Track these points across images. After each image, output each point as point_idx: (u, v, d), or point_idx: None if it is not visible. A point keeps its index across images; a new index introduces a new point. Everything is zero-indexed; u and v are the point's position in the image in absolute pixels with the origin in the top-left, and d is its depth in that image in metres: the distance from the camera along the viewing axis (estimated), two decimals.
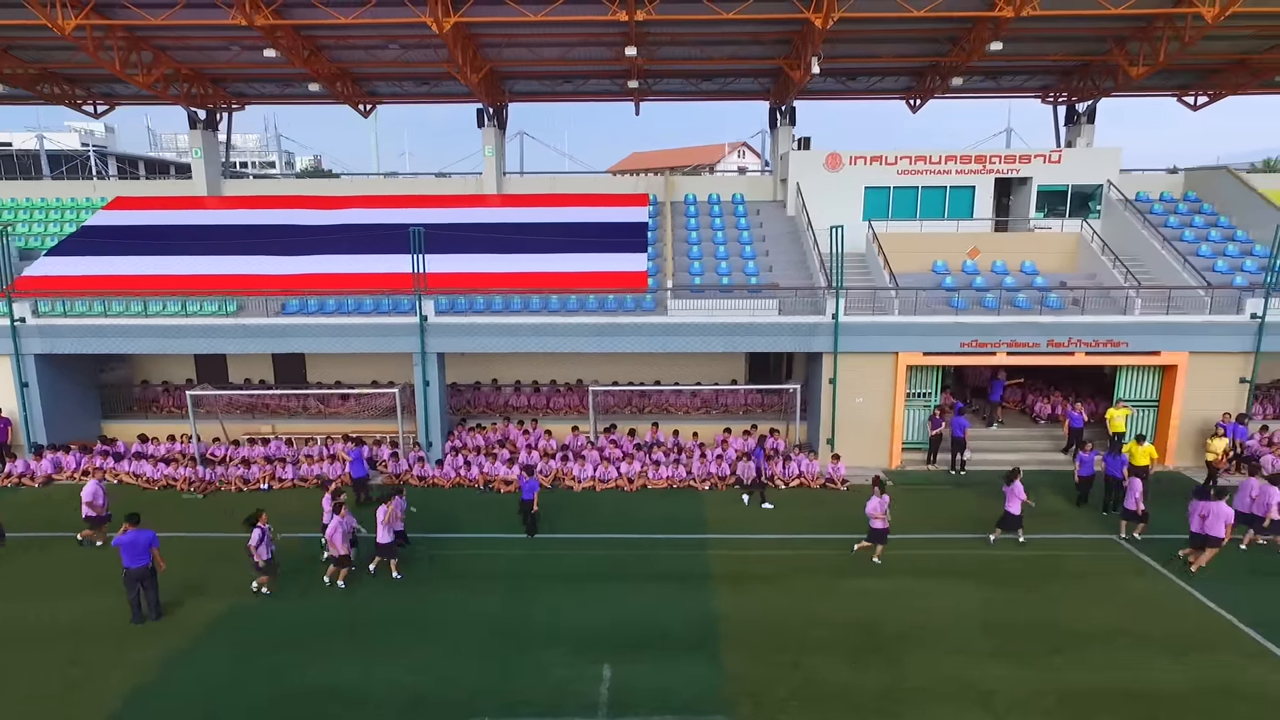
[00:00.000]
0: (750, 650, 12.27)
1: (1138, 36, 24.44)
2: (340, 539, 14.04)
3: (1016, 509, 15.83)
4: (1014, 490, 15.76)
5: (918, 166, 26.54)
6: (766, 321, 20.49)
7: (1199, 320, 20.27)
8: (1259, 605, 13.54)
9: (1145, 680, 11.40)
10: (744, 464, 19.99)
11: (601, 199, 28.22)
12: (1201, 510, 14.63)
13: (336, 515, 14.13)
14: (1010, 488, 15.79)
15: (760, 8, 21.75)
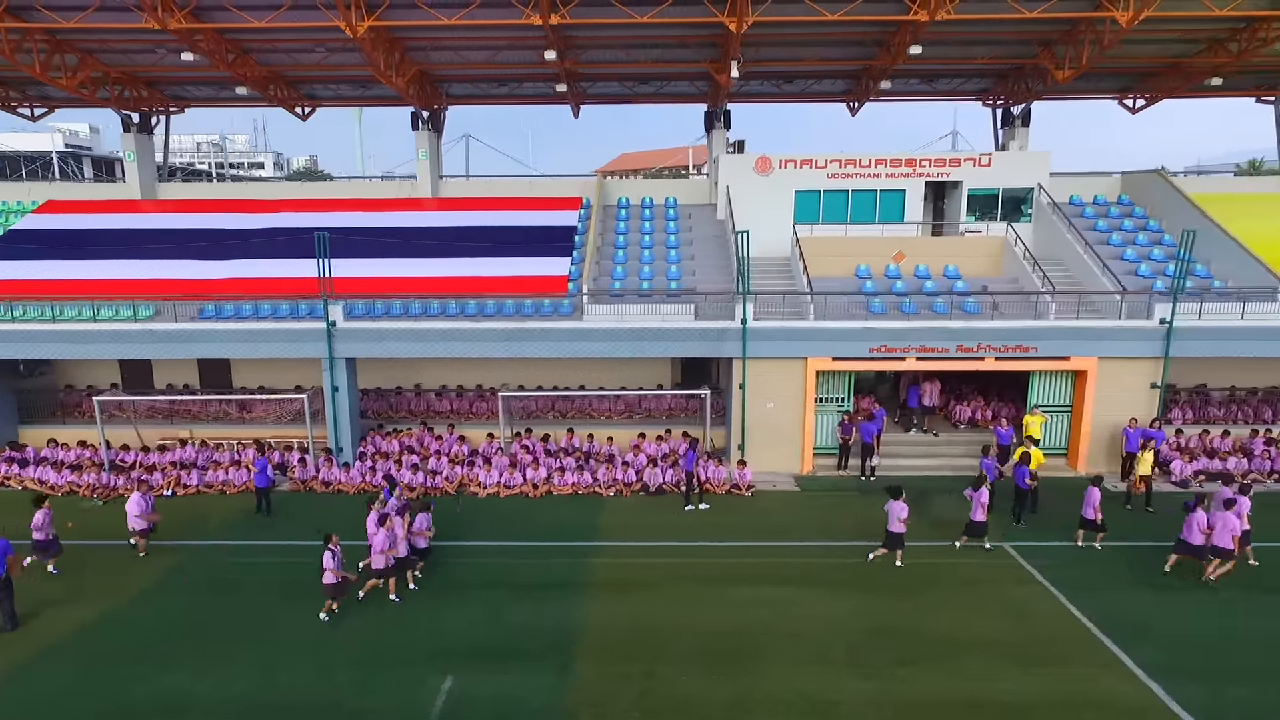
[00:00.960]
0: (606, 659, 12.19)
1: (1064, 40, 24.44)
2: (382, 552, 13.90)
3: (981, 516, 15.85)
4: (979, 497, 15.82)
5: (848, 170, 26.46)
6: (675, 327, 20.41)
7: (1107, 325, 20.22)
8: (1126, 615, 13.47)
9: (990, 691, 11.33)
10: (651, 470, 19.95)
11: (535, 203, 28.17)
12: (1202, 522, 14.51)
13: (382, 528, 13.97)
14: (976, 493, 15.88)
15: (675, 11, 21.68)
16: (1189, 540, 14.74)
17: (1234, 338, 20.13)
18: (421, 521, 14.87)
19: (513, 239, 25.87)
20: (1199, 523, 14.60)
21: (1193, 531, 14.66)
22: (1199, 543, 14.58)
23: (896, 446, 21.99)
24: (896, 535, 15.39)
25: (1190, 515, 14.75)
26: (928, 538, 16.79)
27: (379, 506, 14.82)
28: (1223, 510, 14.62)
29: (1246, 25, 23.56)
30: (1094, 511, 15.98)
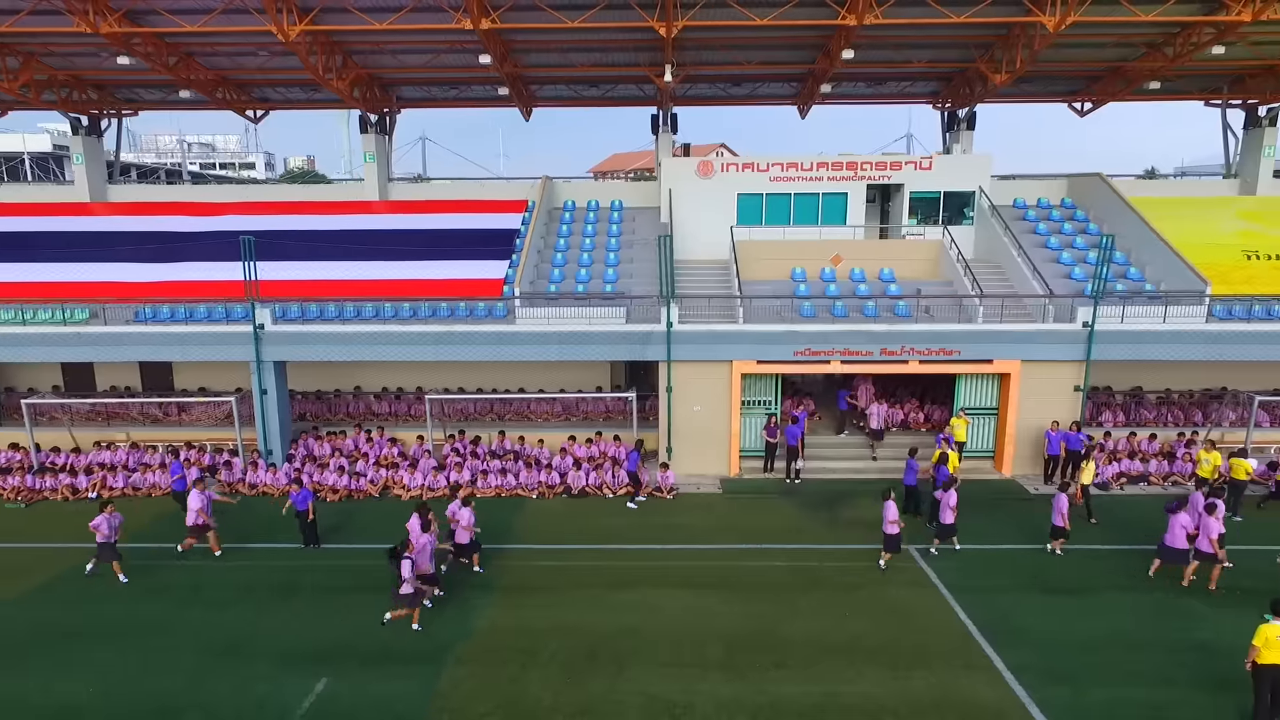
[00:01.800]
0: (479, 664, 12.30)
1: (1000, 45, 24.57)
2: (428, 558, 13.98)
3: (949, 518, 15.96)
4: (946, 499, 15.90)
5: (789, 174, 26.57)
6: (600, 330, 20.52)
7: (1028, 329, 20.35)
8: (1011, 618, 13.59)
9: (847, 693, 11.44)
10: (575, 473, 20.07)
11: (481, 205, 28.29)
12: (1188, 524, 14.45)
13: (426, 534, 14.12)
14: (945, 495, 15.95)
15: (606, 16, 21.80)
16: (1172, 545, 14.65)
17: (1154, 341, 20.24)
18: (467, 517, 15.14)
19: (456, 242, 25.98)
20: (1183, 524, 14.53)
21: (1176, 535, 14.57)
22: (1183, 546, 14.51)
23: (826, 449, 22.12)
24: (891, 537, 15.48)
25: (1173, 519, 14.67)
26: (841, 540, 16.92)
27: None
28: (1203, 514, 14.49)
29: (1180, 30, 23.70)
30: (1063, 519, 15.84)
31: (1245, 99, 28.54)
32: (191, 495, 16.15)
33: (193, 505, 16.06)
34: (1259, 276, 23.40)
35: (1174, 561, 14.77)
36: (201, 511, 16.05)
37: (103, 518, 14.89)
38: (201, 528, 16.17)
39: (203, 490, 16.37)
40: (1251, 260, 24.16)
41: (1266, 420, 23.13)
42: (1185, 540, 14.52)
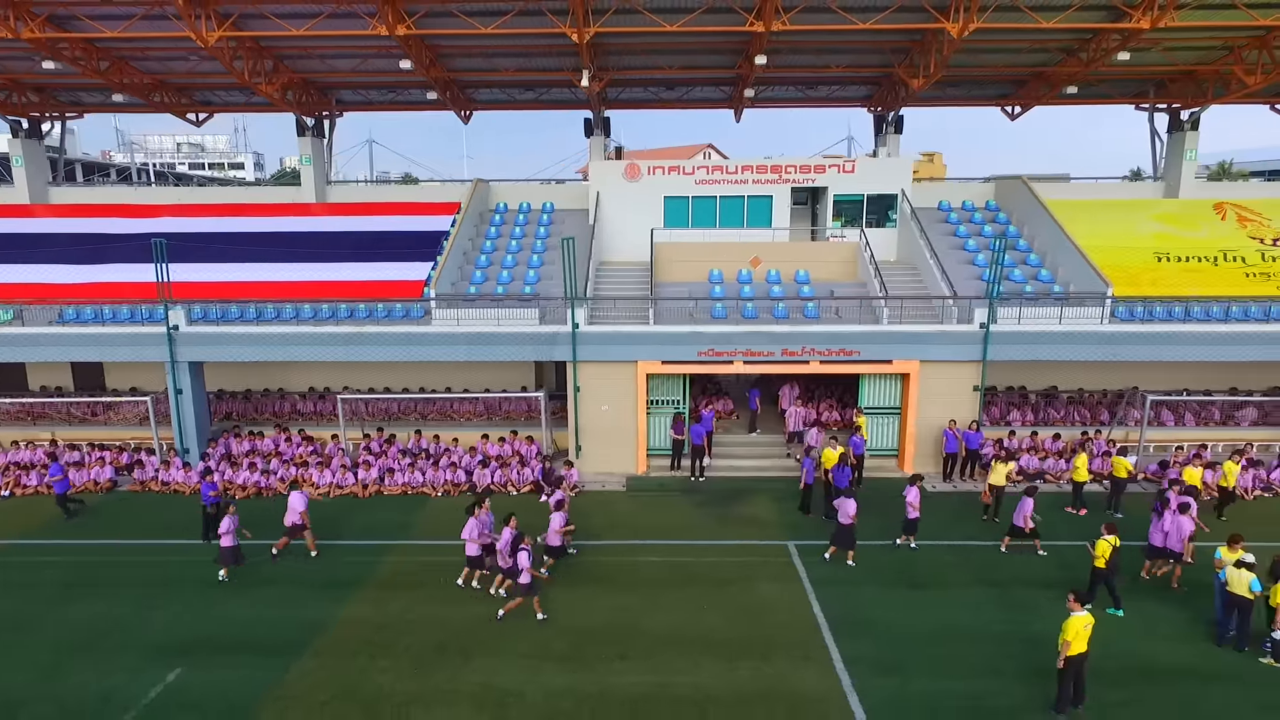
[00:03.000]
0: (333, 655, 12.69)
1: (918, 50, 24.98)
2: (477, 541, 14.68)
3: (913, 514, 16.39)
4: (911, 494, 16.34)
5: (714, 176, 26.98)
6: (508, 331, 20.91)
7: (926, 329, 20.75)
8: (864, 612, 14.01)
9: (679, 684, 11.85)
10: (481, 471, 20.45)
11: (415, 208, 28.66)
12: (1166, 524, 14.81)
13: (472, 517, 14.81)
14: (909, 492, 16.39)
15: (521, 22, 22.17)
16: (1154, 543, 15.05)
17: (1049, 341, 20.65)
18: (557, 520, 15.48)
19: (386, 244, 26.35)
20: (1162, 525, 14.91)
21: (1156, 534, 14.99)
22: (1159, 543, 14.92)
23: (734, 448, 22.53)
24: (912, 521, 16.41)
25: (1157, 519, 15.06)
26: (726, 537, 17.31)
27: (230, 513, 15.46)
28: (1176, 514, 14.84)
29: (1094, 36, 24.13)
30: (1024, 520, 16.09)
31: (1169, 103, 28.99)
32: (294, 495, 16.22)
33: (295, 506, 16.12)
34: (1166, 278, 23.82)
35: (1156, 558, 15.15)
36: (305, 514, 16.13)
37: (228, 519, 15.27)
38: (299, 527, 16.22)
39: (301, 490, 16.49)
40: (1161, 262, 24.59)
41: (1171, 419, 23.56)
42: (1162, 538, 14.88)
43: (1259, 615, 12.68)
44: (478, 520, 14.91)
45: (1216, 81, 26.59)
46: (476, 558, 14.98)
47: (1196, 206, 27.63)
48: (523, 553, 13.65)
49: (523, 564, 13.59)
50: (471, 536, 14.82)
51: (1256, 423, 23.39)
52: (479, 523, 14.92)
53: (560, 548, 15.61)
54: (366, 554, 16.64)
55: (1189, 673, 12.16)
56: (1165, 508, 15.17)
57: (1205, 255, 24.86)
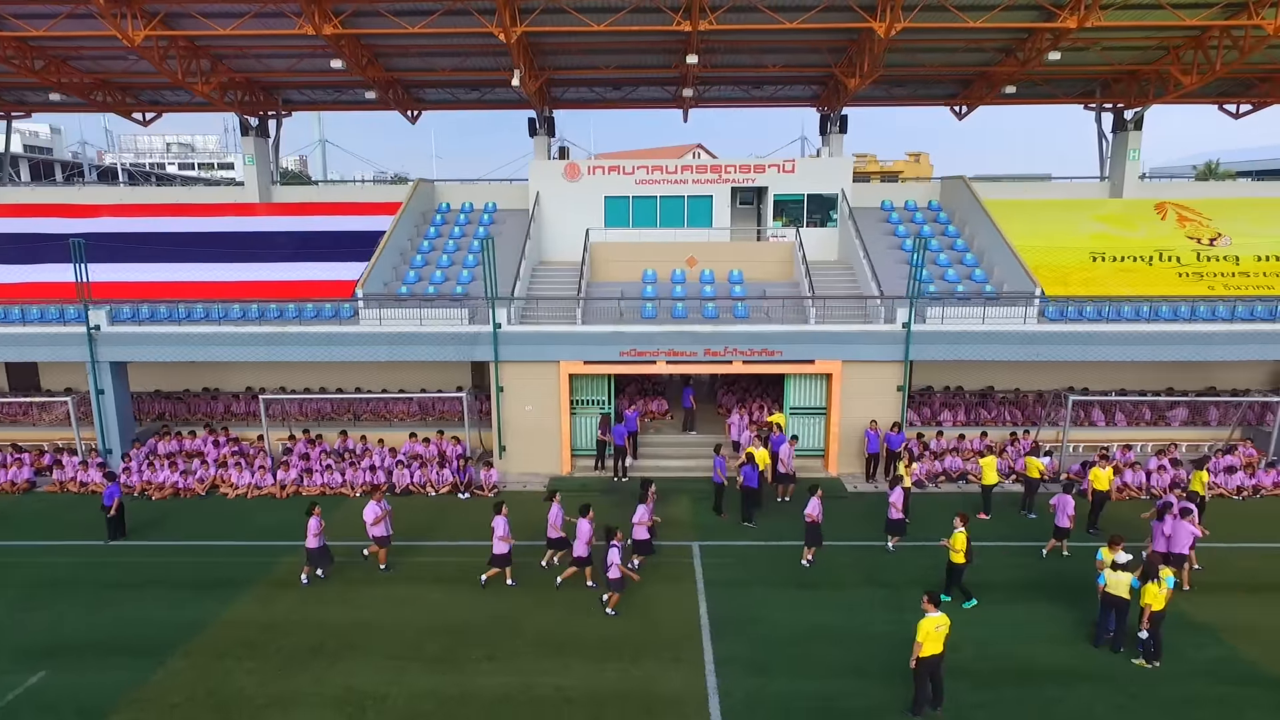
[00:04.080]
0: (204, 656, 12.61)
1: (854, 50, 24.94)
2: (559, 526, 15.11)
3: (895, 514, 16.22)
4: (895, 496, 16.16)
5: (654, 176, 26.94)
6: (430, 331, 20.82)
7: (847, 329, 20.69)
8: (748, 613, 13.92)
9: (541, 684, 11.77)
10: (400, 471, 20.37)
11: (357, 208, 28.59)
12: (1167, 528, 14.51)
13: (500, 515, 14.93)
14: (892, 494, 16.20)
15: (448, 21, 22.09)
16: (1156, 549, 14.66)
17: (971, 341, 20.60)
18: (641, 513, 15.40)
19: (324, 244, 26.31)
20: (1163, 530, 14.60)
21: (1158, 540, 14.66)
22: (1161, 549, 14.54)
23: (663, 448, 22.46)
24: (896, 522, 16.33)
25: (1156, 525, 14.77)
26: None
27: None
28: (1179, 519, 14.54)
29: (1029, 35, 24.08)
30: (1068, 520, 15.77)
31: (1114, 103, 28.97)
32: (366, 509, 15.58)
33: (368, 518, 15.47)
34: (1099, 279, 23.78)
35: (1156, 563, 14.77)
36: (379, 522, 15.52)
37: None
38: (384, 539, 15.65)
39: (380, 500, 15.79)
40: (1096, 262, 24.55)
41: (1102, 419, 23.50)
42: (1165, 544, 14.54)
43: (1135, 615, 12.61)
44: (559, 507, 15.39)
45: (1157, 81, 26.57)
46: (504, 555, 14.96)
47: (1138, 206, 27.61)
48: (614, 549, 13.75)
49: (613, 559, 13.69)
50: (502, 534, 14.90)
51: (1187, 423, 23.32)
52: (557, 512, 15.33)
53: (647, 542, 15.52)
54: (266, 554, 16.54)
55: (1060, 674, 12.09)
56: (1166, 513, 14.74)
57: (1141, 255, 24.83)
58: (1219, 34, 23.15)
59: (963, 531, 13.57)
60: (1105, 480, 17.19)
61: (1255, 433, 22.32)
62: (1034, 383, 25.00)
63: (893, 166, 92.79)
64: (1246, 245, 25.13)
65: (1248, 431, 22.64)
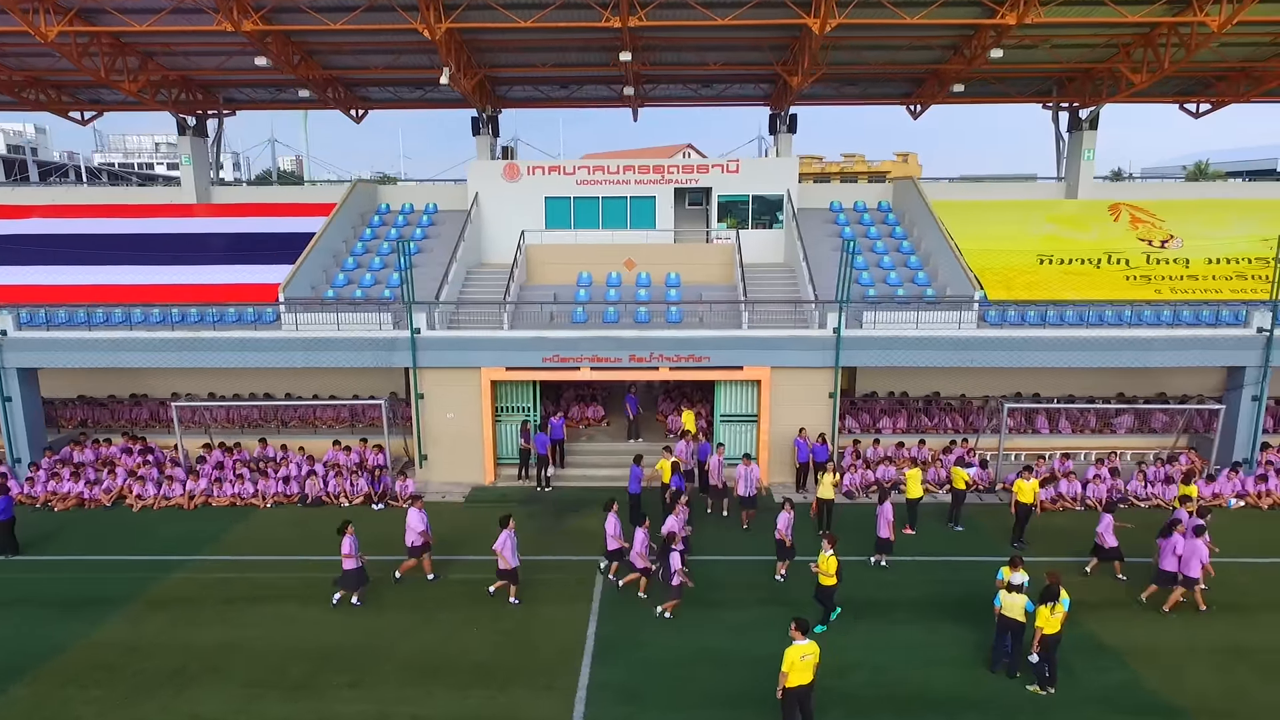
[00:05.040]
0: (52, 681, 12.00)
1: (795, 48, 24.35)
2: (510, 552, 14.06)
3: (886, 532, 15.44)
4: (884, 511, 15.42)
5: (596, 176, 26.32)
6: (346, 336, 20.20)
7: (775, 334, 20.08)
8: (636, 635, 13.31)
9: (398, 713, 11.17)
10: (311, 481, 19.75)
11: (294, 209, 27.94)
12: (1178, 547, 13.80)
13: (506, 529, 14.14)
14: (881, 509, 15.46)
15: (369, 18, 21.46)
16: (1165, 568, 14.00)
17: (901, 347, 19.98)
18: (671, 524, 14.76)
19: (256, 246, 25.73)
20: (1174, 547, 13.84)
21: (1167, 557, 13.93)
22: (1172, 569, 13.85)
23: (593, 456, 21.84)
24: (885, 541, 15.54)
25: (1165, 541, 14.04)
26: (540, 552, 16.55)
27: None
28: (1192, 537, 13.83)
29: (975, 32, 23.48)
30: (888, 529, 15.25)
31: (1070, 102, 28.37)
32: (411, 513, 15.07)
33: (414, 525, 14.96)
34: (1044, 281, 23.18)
35: (1166, 584, 14.03)
36: (425, 532, 15.05)
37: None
38: (422, 548, 15.11)
39: (421, 508, 15.22)
40: (1043, 264, 23.96)
41: (1046, 426, 22.89)
42: (1175, 563, 13.83)
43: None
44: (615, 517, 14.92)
45: (1110, 80, 25.98)
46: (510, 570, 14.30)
47: (1093, 208, 27.03)
48: (674, 554, 13.52)
49: (675, 565, 13.48)
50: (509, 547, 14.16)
51: (1133, 430, 22.70)
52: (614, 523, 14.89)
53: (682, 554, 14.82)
54: (155, 569, 15.90)
55: (949, 701, 11.49)
56: (1175, 529, 13.97)
57: (1089, 257, 24.24)
58: (1167, 31, 22.60)
59: (832, 554, 12.91)
60: (1029, 492, 16.55)
61: (1201, 440, 21.71)
62: (981, 388, 24.35)
63: (880, 166, 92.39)
64: (1198, 248, 24.55)
65: (1194, 439, 22.03)
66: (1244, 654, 12.70)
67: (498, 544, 14.03)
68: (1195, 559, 13.71)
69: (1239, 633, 13.36)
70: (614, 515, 15.03)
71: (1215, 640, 13.17)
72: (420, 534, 15.12)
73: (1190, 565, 13.74)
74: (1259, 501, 19.04)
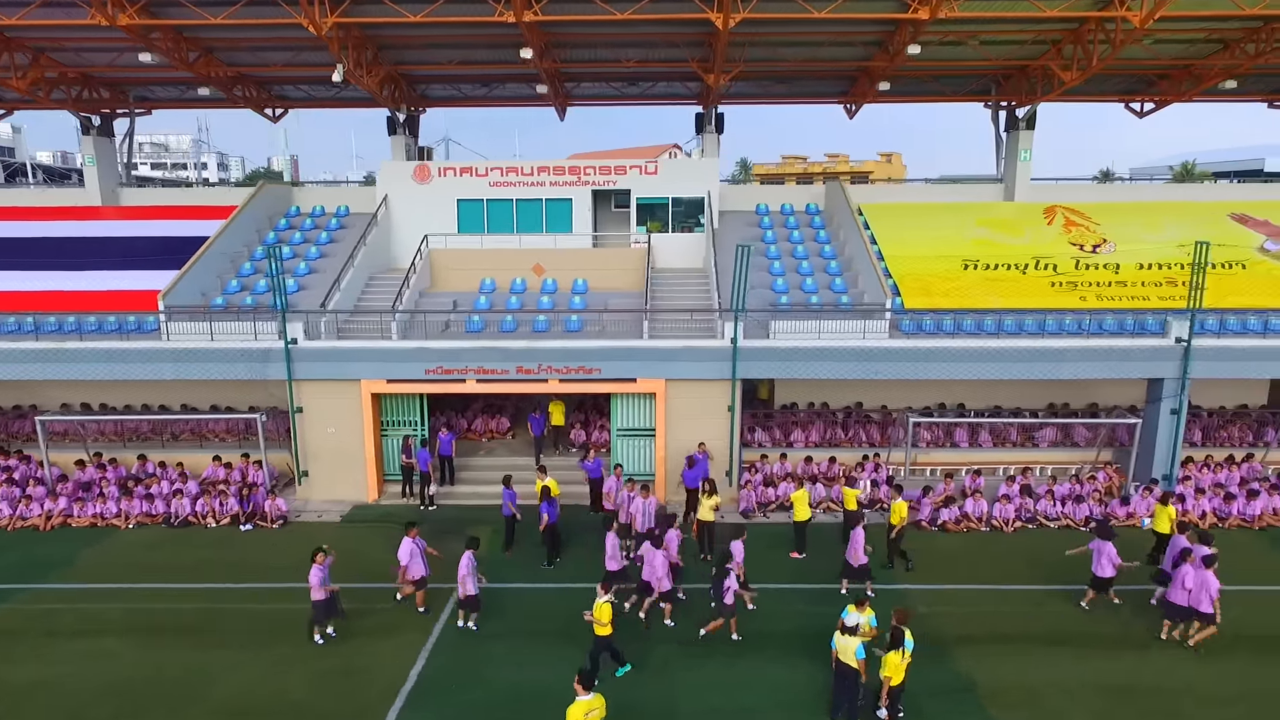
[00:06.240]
0: None
1: (708, 42, 23.34)
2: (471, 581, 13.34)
3: (862, 559, 14.47)
4: (856, 537, 14.48)
5: (509, 178, 25.34)
6: (219, 347, 19.18)
7: (669, 345, 19.07)
8: (471, 668, 12.44)
9: None
10: (178, 500, 18.75)
11: (197, 212, 26.87)
12: (1187, 578, 12.70)
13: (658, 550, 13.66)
14: (854, 532, 14.56)
15: (251, 12, 20.41)
16: (1174, 601, 12.92)
17: (801, 359, 18.97)
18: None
19: (157, 250, 24.67)
20: (1186, 580, 12.77)
21: (1176, 590, 12.89)
22: (1183, 602, 12.80)
23: (484, 472, 20.79)
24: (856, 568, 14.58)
25: (1176, 572, 13.05)
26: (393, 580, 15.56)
27: None
28: (1201, 568, 12.73)
29: (895, 28, 22.47)
30: (1113, 568, 13.85)
31: (1008, 101, 27.38)
32: (404, 544, 13.95)
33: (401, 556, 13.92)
34: (965, 289, 22.18)
35: (1179, 619, 13.00)
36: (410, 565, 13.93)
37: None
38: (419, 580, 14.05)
39: (415, 538, 14.07)
40: (967, 270, 22.97)
41: (965, 440, 21.88)
42: (1185, 596, 12.75)
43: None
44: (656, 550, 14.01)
45: (1043, 79, 24.99)
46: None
47: (1029, 211, 26.06)
48: (731, 572, 12.99)
49: (730, 585, 12.88)
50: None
51: (1056, 443, 21.69)
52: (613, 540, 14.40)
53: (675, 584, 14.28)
54: None
55: None
56: (1186, 560, 12.92)
57: (1016, 263, 23.25)
58: (1094, 28, 21.63)
59: (606, 601, 11.76)
60: (899, 513, 15.49)
61: (1125, 455, 20.71)
62: (903, 400, 23.30)
63: (862, 167, 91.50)
64: (1131, 252, 23.58)
65: (1118, 454, 21.04)
66: (1131, 695, 11.70)
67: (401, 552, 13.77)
68: (1205, 592, 12.57)
69: (1135, 669, 12.38)
70: (613, 534, 14.39)
71: (1106, 677, 12.19)
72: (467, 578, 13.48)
73: (1200, 599, 12.61)
74: None
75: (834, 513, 18.76)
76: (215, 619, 14.06)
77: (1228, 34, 22.91)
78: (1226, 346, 18.89)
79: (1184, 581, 12.77)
